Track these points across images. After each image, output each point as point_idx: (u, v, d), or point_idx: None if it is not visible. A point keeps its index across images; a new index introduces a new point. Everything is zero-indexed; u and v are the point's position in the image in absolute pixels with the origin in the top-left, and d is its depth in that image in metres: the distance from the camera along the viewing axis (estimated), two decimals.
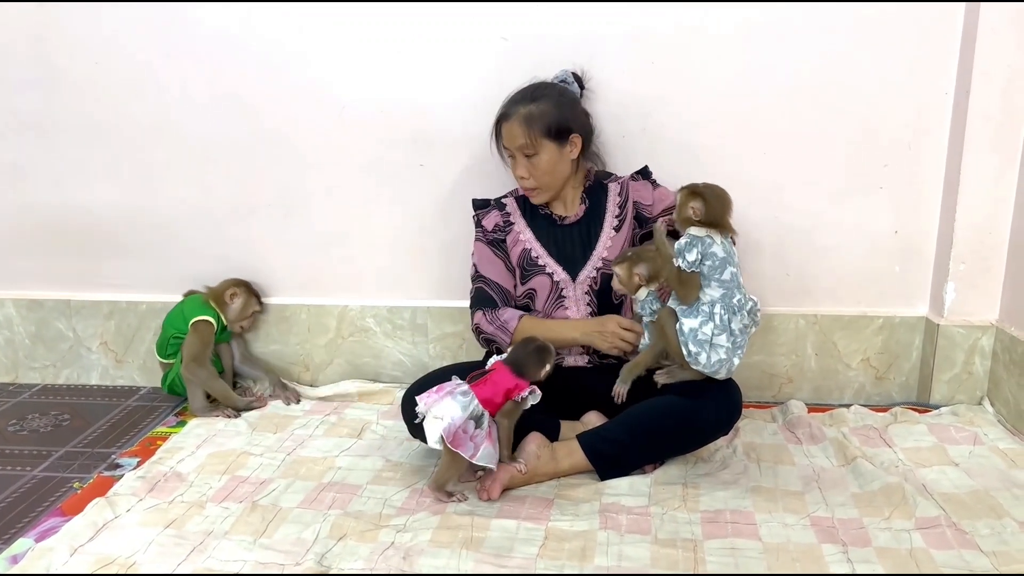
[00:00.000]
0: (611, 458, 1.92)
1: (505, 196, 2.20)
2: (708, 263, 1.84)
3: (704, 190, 1.88)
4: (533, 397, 1.81)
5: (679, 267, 1.86)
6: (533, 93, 2.05)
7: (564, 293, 2.11)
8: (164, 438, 2.18)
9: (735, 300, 1.86)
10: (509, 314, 2.09)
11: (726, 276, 1.85)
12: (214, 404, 2.35)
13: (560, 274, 2.11)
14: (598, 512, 1.77)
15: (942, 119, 2.25)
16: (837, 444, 2.06)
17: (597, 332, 2.04)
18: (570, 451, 1.94)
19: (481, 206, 2.19)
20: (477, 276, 2.16)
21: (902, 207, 2.32)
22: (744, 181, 2.26)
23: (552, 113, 2.02)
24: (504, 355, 1.88)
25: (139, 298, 2.56)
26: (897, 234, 2.34)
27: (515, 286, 2.18)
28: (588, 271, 2.10)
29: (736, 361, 1.88)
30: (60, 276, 2.57)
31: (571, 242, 2.14)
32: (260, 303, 2.48)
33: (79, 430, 2.26)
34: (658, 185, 2.17)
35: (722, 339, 1.84)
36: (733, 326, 1.85)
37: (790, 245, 2.36)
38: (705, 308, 1.85)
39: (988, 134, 2.18)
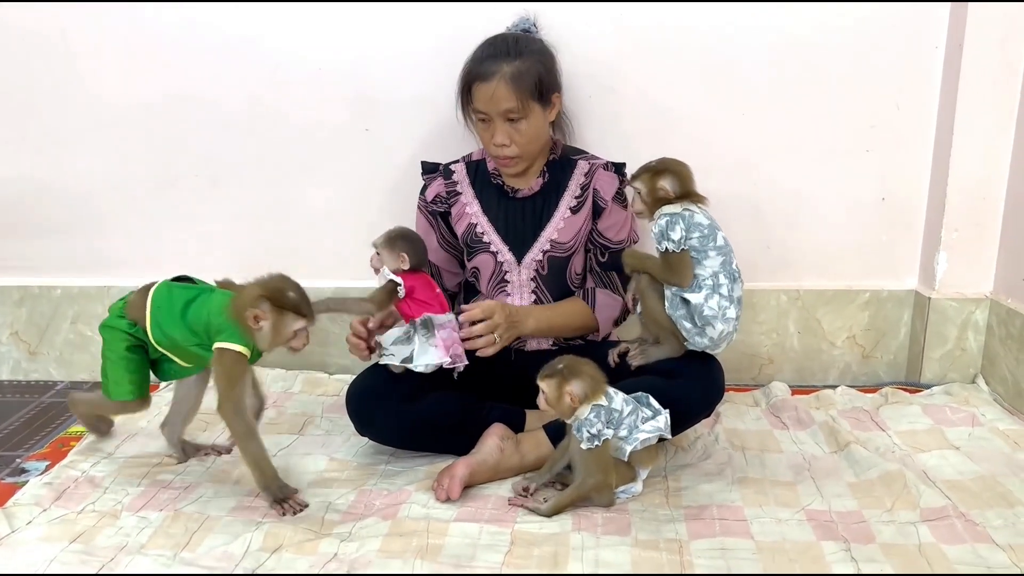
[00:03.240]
0: None
1: (455, 162, 1.98)
2: (697, 235, 1.65)
3: (668, 164, 1.69)
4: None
5: (665, 251, 1.66)
6: (515, 47, 1.80)
7: (507, 277, 1.91)
8: (79, 438, 1.93)
9: (733, 266, 1.68)
10: None
11: (720, 241, 1.67)
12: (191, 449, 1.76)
13: (505, 254, 1.90)
14: (570, 512, 1.58)
15: (932, 75, 2.09)
16: (827, 429, 1.90)
17: None
18: (537, 443, 1.75)
19: (429, 171, 1.98)
20: None
21: (890, 172, 2.16)
22: (721, 146, 2.12)
23: (537, 70, 1.79)
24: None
25: (53, 282, 2.30)
26: (884, 201, 2.18)
27: (451, 262, 2.00)
28: (535, 253, 1.89)
29: (735, 336, 1.69)
30: None
31: (521, 219, 1.91)
32: (306, 314, 1.61)
33: None
34: (623, 196, 1.90)
35: (731, 311, 1.66)
36: (736, 294, 1.67)
37: (770, 215, 2.19)
38: (708, 281, 1.66)
39: (982, 91, 2.03)
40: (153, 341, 1.65)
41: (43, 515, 1.58)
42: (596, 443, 1.56)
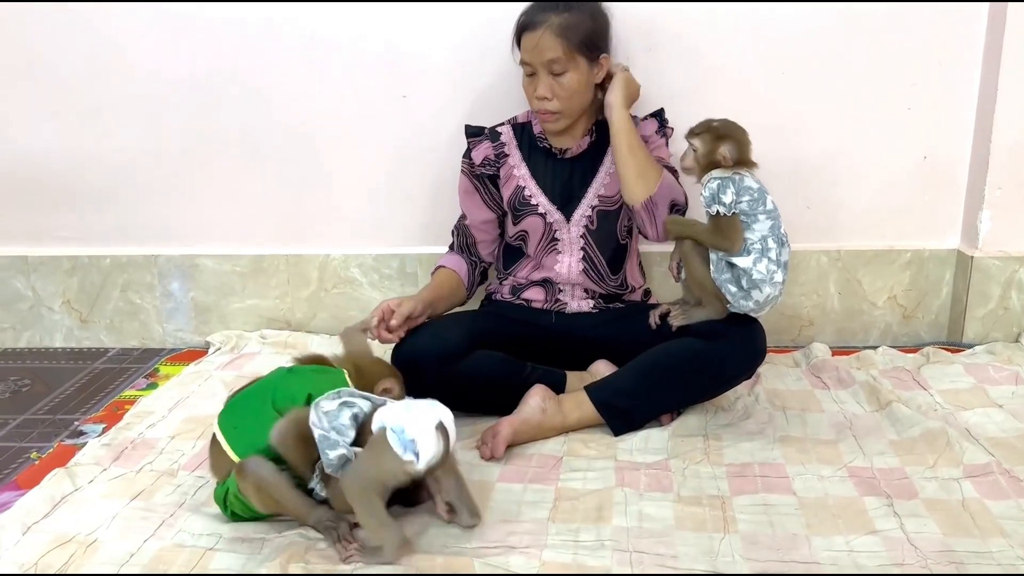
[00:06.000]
0: (624, 410, 1.75)
1: (501, 124, 1.98)
2: (747, 198, 1.65)
3: (732, 131, 1.69)
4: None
5: (716, 214, 1.66)
6: (567, 2, 1.80)
7: (557, 236, 1.91)
8: (133, 401, 1.99)
9: (781, 230, 1.68)
10: (438, 263, 2.02)
11: (769, 205, 1.67)
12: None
13: (554, 214, 1.90)
14: (613, 469, 1.61)
15: (976, 31, 2.06)
16: (868, 388, 1.90)
17: None
18: (578, 403, 1.77)
19: (474, 134, 1.97)
20: (461, 216, 2.03)
21: (932, 130, 2.13)
22: (760, 105, 2.10)
23: (588, 25, 1.79)
24: None
25: (102, 251, 2.34)
26: (926, 159, 2.15)
27: (493, 227, 2.00)
28: (583, 209, 1.90)
29: (781, 299, 1.70)
30: (12, 231, 2.35)
31: (568, 178, 1.92)
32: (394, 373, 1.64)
33: (40, 396, 2.07)
34: (663, 131, 1.92)
35: (779, 275, 1.67)
36: (783, 258, 1.67)
37: (809, 175, 2.17)
38: (757, 245, 1.66)
39: None
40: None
41: (103, 474, 1.64)
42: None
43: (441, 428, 1.34)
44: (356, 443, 1.37)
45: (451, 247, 2.04)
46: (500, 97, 2.05)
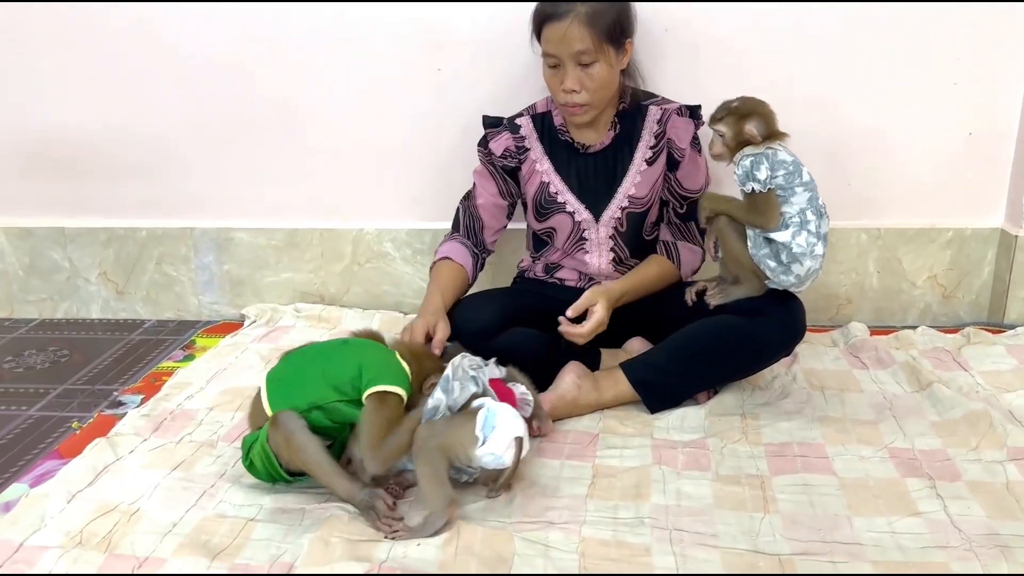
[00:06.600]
0: (660, 388, 1.74)
1: (519, 115, 1.91)
2: (782, 172, 1.62)
3: (755, 107, 1.65)
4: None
5: (751, 192, 1.63)
6: None
7: (586, 235, 1.88)
8: (170, 373, 2.01)
9: (820, 202, 1.65)
10: (441, 250, 1.92)
11: (806, 177, 1.64)
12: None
13: (582, 213, 1.86)
14: (649, 446, 1.60)
15: None
16: (908, 369, 1.88)
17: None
18: (614, 381, 1.76)
19: (492, 125, 1.91)
20: (472, 194, 1.96)
21: (977, 105, 2.08)
22: (797, 80, 2.05)
23: (615, 10, 1.72)
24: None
25: (138, 224, 2.36)
26: (971, 136, 2.11)
27: (502, 215, 1.95)
28: (612, 210, 1.86)
29: (821, 272, 1.68)
30: (50, 202, 2.37)
31: (594, 175, 1.87)
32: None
33: (79, 366, 2.10)
34: (699, 141, 1.85)
35: (819, 248, 1.64)
36: (823, 231, 1.64)
37: (850, 151, 2.13)
38: (795, 218, 1.63)
39: None
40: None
41: (143, 444, 1.65)
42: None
43: (518, 442, 1.40)
44: None
45: (454, 227, 1.96)
46: (537, 71, 2.02)
